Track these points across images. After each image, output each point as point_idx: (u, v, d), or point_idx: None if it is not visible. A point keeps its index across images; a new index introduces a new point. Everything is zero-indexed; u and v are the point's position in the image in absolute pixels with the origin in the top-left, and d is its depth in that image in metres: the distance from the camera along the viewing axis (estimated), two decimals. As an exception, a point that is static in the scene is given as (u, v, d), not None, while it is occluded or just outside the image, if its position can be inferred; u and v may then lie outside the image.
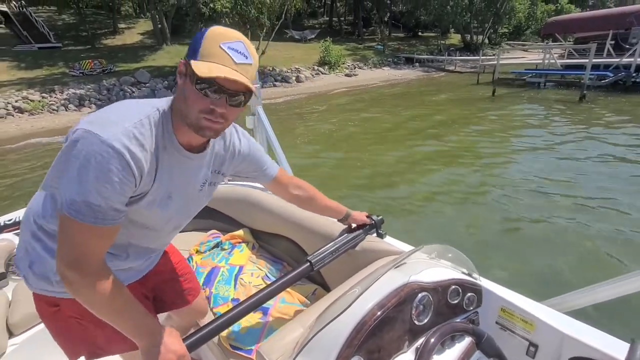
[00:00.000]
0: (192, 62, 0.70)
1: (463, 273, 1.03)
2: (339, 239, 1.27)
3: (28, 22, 22.41)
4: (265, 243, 1.91)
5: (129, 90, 14.66)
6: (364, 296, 0.82)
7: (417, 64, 26.21)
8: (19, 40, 20.42)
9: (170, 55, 19.66)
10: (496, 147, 7.19)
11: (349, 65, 23.05)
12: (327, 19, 37.89)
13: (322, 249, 1.22)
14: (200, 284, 1.59)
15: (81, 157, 0.64)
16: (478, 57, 21.69)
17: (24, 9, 22.50)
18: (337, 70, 21.77)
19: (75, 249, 0.68)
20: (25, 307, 1.57)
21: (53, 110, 12.67)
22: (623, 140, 6.99)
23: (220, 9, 12.87)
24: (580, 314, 0.98)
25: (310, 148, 7.97)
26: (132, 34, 24.85)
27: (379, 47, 28.53)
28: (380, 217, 1.39)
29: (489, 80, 15.97)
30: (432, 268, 0.96)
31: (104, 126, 0.67)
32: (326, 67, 21.52)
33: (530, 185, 5.00)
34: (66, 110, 12.78)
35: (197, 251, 1.84)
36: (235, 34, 0.74)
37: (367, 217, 1.36)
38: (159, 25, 21.73)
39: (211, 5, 12.83)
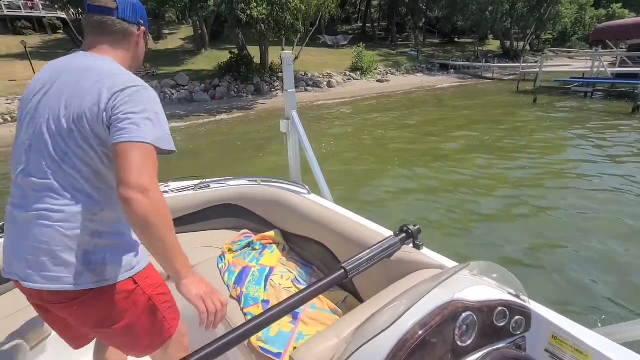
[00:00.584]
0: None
1: (510, 294, 0.96)
2: (374, 247, 1.23)
3: (83, 27, 24.21)
4: (296, 246, 1.90)
5: (169, 92, 15.42)
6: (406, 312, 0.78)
7: (452, 70, 25.53)
8: (74, 44, 22.18)
9: (208, 59, 20.49)
10: (538, 161, 6.79)
11: (381, 71, 22.88)
12: (361, 24, 37.94)
13: (357, 256, 1.19)
14: (232, 283, 1.61)
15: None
16: (518, 64, 20.75)
17: (80, 16, 24.43)
18: (369, 76, 21.67)
19: (150, 171, 0.79)
20: None
21: (100, 109, 13.60)
22: (685, 156, 6.38)
23: (257, 16, 13.22)
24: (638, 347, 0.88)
25: (338, 153, 7.96)
26: (175, 39, 26.23)
27: (413, 53, 28.12)
28: (417, 226, 1.33)
29: (529, 88, 15.22)
30: (477, 286, 0.90)
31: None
32: (358, 72, 21.50)
33: (581, 206, 4.60)
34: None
35: (229, 250, 1.88)
36: None
37: (404, 226, 1.32)
38: (199, 31, 22.77)
39: (248, 12, 13.22)
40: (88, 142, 0.84)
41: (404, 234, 1.30)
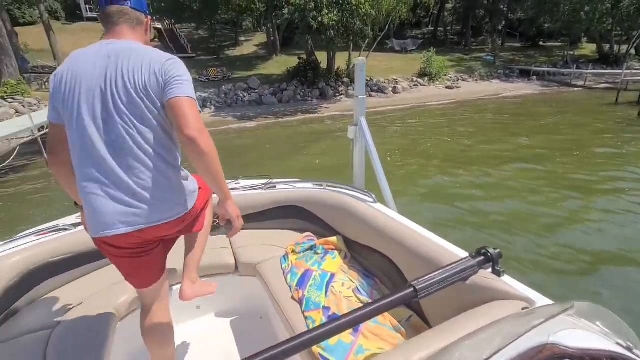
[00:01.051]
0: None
1: (619, 345, 0.81)
2: (448, 267, 1.14)
3: (174, 36, 27.42)
4: (358, 254, 1.87)
5: (241, 94, 16.55)
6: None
7: (535, 77, 23.12)
8: (165, 50, 24.98)
9: (278, 64, 21.54)
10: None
11: (451, 77, 21.70)
12: (432, 28, 36.46)
13: (429, 276, 1.11)
14: (295, 284, 1.64)
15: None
16: (620, 71, 17.96)
17: (172, 26, 27.59)
18: (438, 82, 20.70)
19: (199, 117, 1.04)
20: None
21: (183, 109, 15.12)
22: None
23: (328, 22, 13.52)
24: None
25: (401, 162, 7.71)
26: (249, 45, 28.09)
27: (489, 58, 26.15)
28: (498, 250, 1.21)
29: (632, 99, 13.09)
30: (578, 330, 0.77)
31: None
32: (426, 78, 20.68)
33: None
34: (192, 110, 15.11)
35: (293, 251, 1.92)
36: None
37: (482, 248, 1.20)
38: (272, 38, 24.06)
39: (319, 19, 13.58)
40: (155, 105, 1.04)
41: (482, 257, 1.18)
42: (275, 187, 2.35)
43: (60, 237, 1.75)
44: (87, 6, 27.94)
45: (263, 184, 2.38)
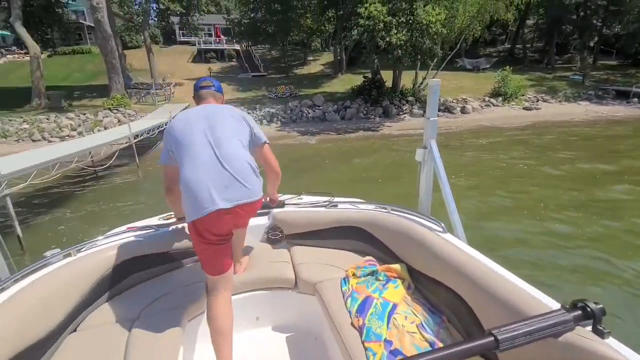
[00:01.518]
0: None
1: None
2: (536, 319, 1.00)
3: (249, 56, 29.84)
4: (423, 286, 1.76)
5: (305, 111, 17.21)
6: None
7: (636, 99, 20.06)
8: (241, 70, 27.38)
9: (343, 82, 22.04)
10: None
11: (529, 97, 19.93)
12: (509, 46, 34.12)
13: (514, 325, 0.98)
14: (355, 310, 1.59)
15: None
16: None
17: (249, 48, 30.11)
18: (514, 103, 19.16)
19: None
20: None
21: (252, 123, 16.21)
22: None
23: (396, 42, 13.50)
24: None
25: (468, 189, 7.20)
26: (316, 64, 29.29)
27: (577, 77, 23.47)
28: (600, 306, 1.02)
29: None
30: None
31: None
32: (500, 98, 19.29)
33: None
34: (260, 124, 16.06)
35: (354, 274, 1.88)
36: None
37: (579, 301, 1.03)
38: (339, 57, 24.78)
39: (387, 39, 13.63)
40: (246, 138, 1.61)
41: (579, 311, 1.01)
42: (337, 205, 2.34)
43: (144, 237, 1.96)
44: (181, 31, 31.93)
45: (325, 202, 2.39)
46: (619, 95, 20.63)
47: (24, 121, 14.43)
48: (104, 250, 1.79)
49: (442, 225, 1.84)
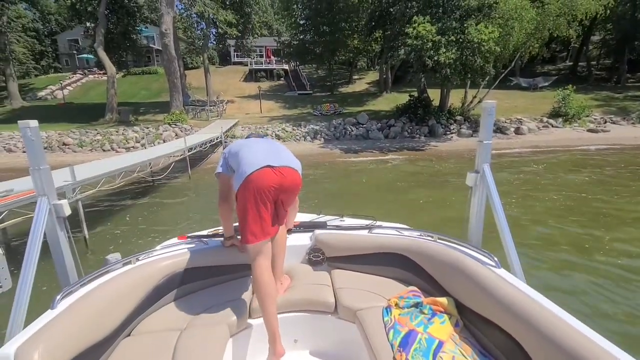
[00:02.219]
0: None
1: None
2: None
3: (296, 75, 31.05)
4: (472, 325, 1.62)
5: (349, 128, 17.33)
6: None
7: None
8: (288, 88, 28.51)
9: (387, 101, 21.96)
10: None
11: (595, 119, 18.22)
12: (570, 64, 31.74)
13: None
14: (397, 343, 1.51)
15: None
16: None
17: (296, 67, 31.37)
18: (577, 124, 17.63)
19: None
20: None
21: (296, 139, 16.65)
22: None
23: (445, 60, 13.21)
24: None
25: (522, 218, 6.66)
26: (362, 83, 29.59)
27: (654, 97, 21.06)
28: None
29: None
30: None
31: None
32: (560, 119, 17.88)
33: None
34: (304, 141, 16.49)
35: (396, 304, 1.79)
36: None
37: None
38: (384, 76, 24.83)
39: (435, 57, 13.39)
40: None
41: None
42: (380, 230, 2.28)
43: (195, 250, 2.06)
44: (236, 53, 34.27)
45: (367, 225, 2.34)
46: None
47: (97, 133, 16.25)
48: (159, 260, 1.91)
49: (495, 259, 1.70)
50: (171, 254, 1.97)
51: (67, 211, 1.67)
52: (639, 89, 23.52)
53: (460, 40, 13.34)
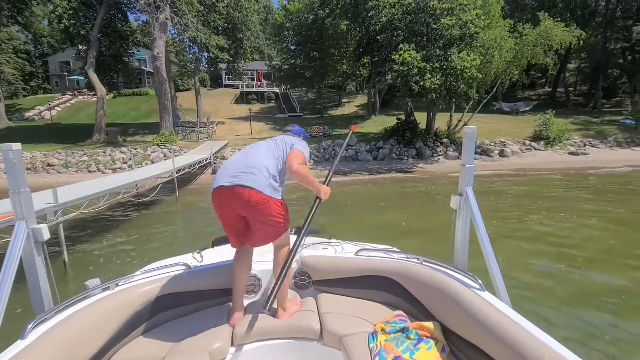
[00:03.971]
0: None
1: None
2: None
3: (287, 98, 31.63)
4: (459, 351, 1.60)
5: (339, 150, 17.52)
6: None
7: (701, 146, 18.35)
8: (279, 110, 28.94)
9: (376, 124, 22.43)
10: None
11: (576, 142, 18.94)
12: (549, 90, 33.32)
13: None
14: (383, 372, 1.48)
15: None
16: None
17: (287, 90, 32.03)
18: (558, 147, 18.27)
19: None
20: (252, 322, 1.92)
21: (286, 161, 16.73)
22: None
23: (430, 86, 13.70)
24: None
25: (507, 240, 6.74)
26: (351, 106, 30.28)
27: (629, 122, 22.13)
28: None
29: None
30: None
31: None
32: (542, 142, 18.52)
33: None
34: (294, 162, 16.58)
35: (382, 330, 1.76)
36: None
37: None
38: (372, 100, 25.52)
39: (422, 83, 13.89)
40: (280, 155, 1.94)
41: None
42: (366, 252, 2.28)
43: (178, 274, 2.01)
44: (227, 76, 34.88)
45: (355, 249, 2.34)
46: (680, 142, 19.00)
47: (84, 154, 16.03)
48: (140, 285, 1.85)
49: (480, 282, 1.71)
50: (152, 279, 1.91)
51: (46, 236, 1.62)
52: (614, 114, 24.71)
53: (445, 67, 13.92)
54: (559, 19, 18.28)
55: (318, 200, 2.02)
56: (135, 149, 16.58)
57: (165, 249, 6.31)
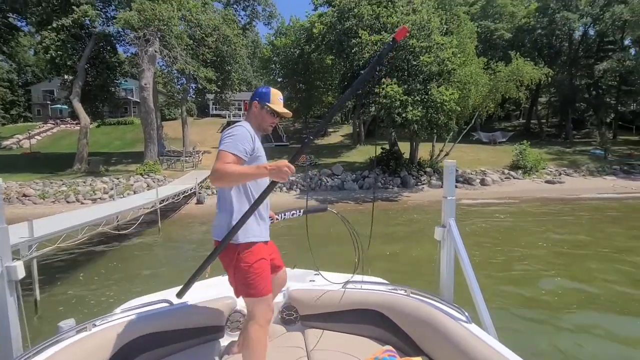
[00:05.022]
0: (268, 104, 1.74)
1: None
2: None
3: (274, 128, 32.07)
4: (448, 386, 1.58)
5: (324, 179, 17.68)
6: None
7: (668, 174, 19.46)
8: (265, 139, 29.22)
9: (361, 153, 22.91)
10: None
11: (551, 171, 19.80)
12: (523, 121, 35.22)
13: None
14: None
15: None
16: None
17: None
18: (535, 176, 19.02)
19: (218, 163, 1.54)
20: None
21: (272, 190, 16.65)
22: None
23: (412, 117, 14.28)
24: None
25: (484, 266, 6.82)
26: (336, 136, 30.96)
27: (598, 152, 23.44)
28: None
29: None
30: None
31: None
32: (520, 171, 19.27)
33: None
34: (280, 192, 16.50)
35: (371, 367, 1.73)
36: (280, 92, 1.79)
37: None
38: (357, 130, 26.22)
39: (404, 115, 14.47)
40: None
41: None
42: (355, 285, 2.26)
43: (159, 312, 1.93)
44: (214, 106, 35.33)
45: (342, 281, 2.32)
46: (646, 170, 20.15)
47: (62, 184, 15.55)
48: (119, 325, 1.76)
49: (467, 314, 1.73)
50: (132, 318, 1.83)
51: (21, 274, 1.56)
52: (584, 144, 26.16)
53: (425, 100, 14.61)
54: (528, 58, 19.75)
55: (271, 183, 1.63)
56: (118, 179, 16.23)
57: (146, 284, 6.04)
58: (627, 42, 29.21)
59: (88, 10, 18.14)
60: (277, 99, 1.76)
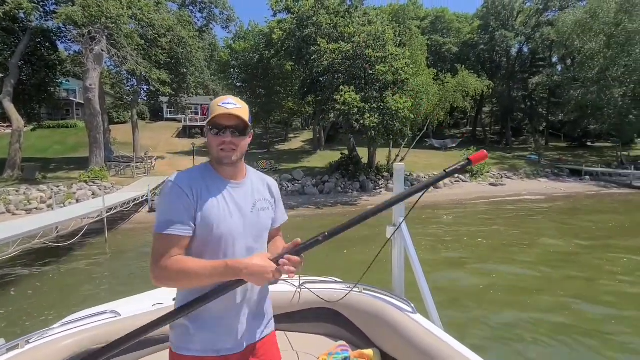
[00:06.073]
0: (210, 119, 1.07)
1: None
2: None
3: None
4: (397, 375, 1.68)
5: (285, 185, 17.62)
6: None
7: (588, 177, 22.13)
8: (225, 145, 28.42)
9: (321, 158, 23.19)
10: None
11: (494, 174, 21.55)
12: (470, 129, 38.04)
13: None
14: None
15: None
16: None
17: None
18: (480, 179, 20.57)
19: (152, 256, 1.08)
20: None
21: (231, 196, 16.27)
22: None
23: (369, 124, 14.82)
24: None
25: (432, 259, 7.27)
26: (297, 141, 31.05)
27: (533, 157, 26.00)
28: None
29: None
30: None
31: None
32: (467, 175, 20.73)
33: None
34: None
35: (325, 362, 1.78)
36: (226, 96, 1.12)
37: None
38: (317, 135, 26.53)
39: (361, 121, 14.97)
40: None
41: None
42: (310, 285, 2.31)
43: (104, 324, 1.83)
44: (168, 109, 33.74)
45: (297, 282, 2.36)
46: (572, 173, 22.78)
47: (-10, 193, 13.85)
48: (58, 340, 1.64)
49: (412, 305, 1.84)
50: (74, 331, 1.71)
51: None
52: (522, 150, 28.90)
53: (381, 107, 15.24)
54: (472, 71, 21.46)
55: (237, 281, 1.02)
56: (58, 187, 14.81)
57: (89, 300, 5.58)
58: (554, 59, 32.99)
59: (23, 3, 16.50)
60: (216, 106, 1.08)
